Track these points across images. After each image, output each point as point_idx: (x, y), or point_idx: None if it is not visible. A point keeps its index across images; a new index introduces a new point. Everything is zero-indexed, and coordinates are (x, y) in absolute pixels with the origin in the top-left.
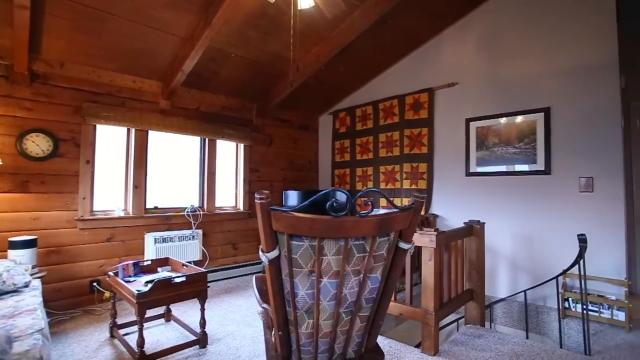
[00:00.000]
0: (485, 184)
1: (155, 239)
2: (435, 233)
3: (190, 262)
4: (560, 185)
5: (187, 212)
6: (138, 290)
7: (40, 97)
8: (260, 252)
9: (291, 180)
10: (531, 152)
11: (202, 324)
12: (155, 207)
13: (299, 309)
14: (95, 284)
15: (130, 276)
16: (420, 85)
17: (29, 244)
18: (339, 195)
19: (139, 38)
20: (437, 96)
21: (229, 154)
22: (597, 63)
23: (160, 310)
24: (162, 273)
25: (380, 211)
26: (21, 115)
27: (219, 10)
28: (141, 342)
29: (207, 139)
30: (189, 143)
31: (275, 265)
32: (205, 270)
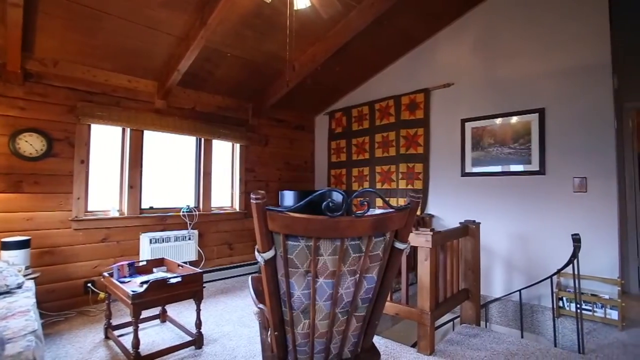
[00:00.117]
0: (480, 184)
1: (150, 240)
2: (431, 233)
3: (186, 263)
4: (555, 185)
5: (183, 212)
6: (133, 291)
7: (33, 96)
8: (256, 253)
9: (287, 181)
10: (526, 153)
11: (198, 324)
12: (150, 208)
13: (295, 309)
14: (89, 285)
15: (125, 277)
16: (416, 85)
17: (22, 245)
18: (335, 195)
19: (134, 37)
20: (433, 96)
21: (225, 154)
22: (590, 64)
23: (156, 311)
24: (158, 274)
25: (376, 211)
26: (14, 115)
27: (214, 9)
28: (136, 343)
29: (202, 139)
30: (185, 143)
31: (271, 265)
32: (201, 270)
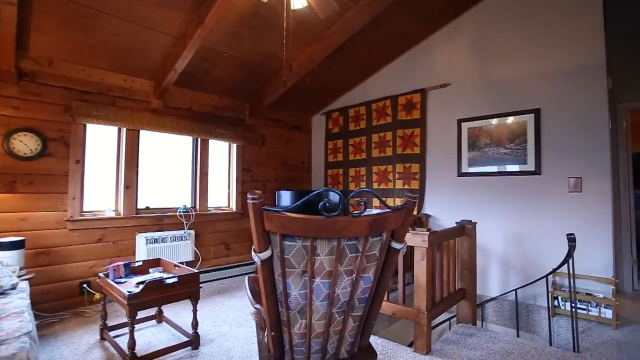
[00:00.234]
0: (476, 184)
1: (146, 240)
2: (428, 233)
3: (182, 263)
4: (550, 185)
5: (179, 212)
6: (129, 292)
7: (28, 95)
8: (253, 253)
9: (284, 181)
10: (522, 153)
11: (195, 325)
12: (146, 208)
13: (291, 309)
14: (85, 286)
15: (121, 277)
16: (412, 85)
17: (16, 245)
18: (332, 195)
19: (130, 36)
20: (430, 97)
21: (222, 154)
22: (585, 65)
23: (152, 311)
24: (154, 274)
25: (373, 211)
26: (8, 114)
27: (211, 9)
28: (132, 344)
29: (199, 139)
30: (181, 143)
31: (267, 265)
32: (197, 270)
